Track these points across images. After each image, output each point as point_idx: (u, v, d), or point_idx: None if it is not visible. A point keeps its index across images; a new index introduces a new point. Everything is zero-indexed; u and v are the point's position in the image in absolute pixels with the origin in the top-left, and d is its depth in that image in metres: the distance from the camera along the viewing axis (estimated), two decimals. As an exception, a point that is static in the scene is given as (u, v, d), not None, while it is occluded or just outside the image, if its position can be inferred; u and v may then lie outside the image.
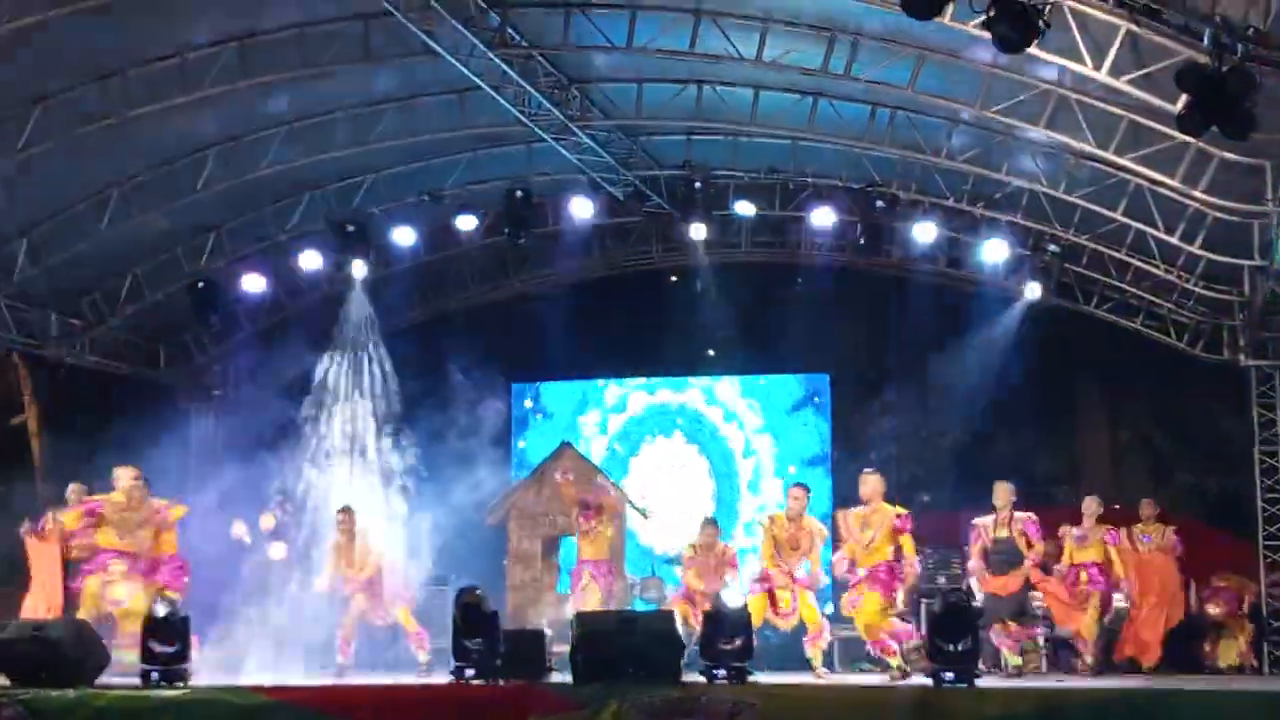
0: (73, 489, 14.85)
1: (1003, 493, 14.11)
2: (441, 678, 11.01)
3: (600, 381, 20.82)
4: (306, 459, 15.47)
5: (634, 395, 20.75)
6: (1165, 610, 15.21)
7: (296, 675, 13.23)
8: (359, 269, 18.38)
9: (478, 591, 11.05)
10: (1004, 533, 13.98)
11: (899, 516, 13.04)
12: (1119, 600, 15.43)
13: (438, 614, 14.75)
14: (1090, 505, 15.22)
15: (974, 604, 11.33)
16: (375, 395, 18.25)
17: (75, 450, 18.37)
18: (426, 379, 19.03)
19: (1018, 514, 14.03)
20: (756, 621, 12.24)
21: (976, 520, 14.28)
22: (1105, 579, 14.77)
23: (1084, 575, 14.63)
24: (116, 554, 13.46)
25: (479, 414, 17.43)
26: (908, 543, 13.03)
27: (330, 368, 18.27)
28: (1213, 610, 16.42)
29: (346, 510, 14.87)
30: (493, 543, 18.04)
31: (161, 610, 11.18)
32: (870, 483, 13.36)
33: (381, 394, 18.29)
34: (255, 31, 14.76)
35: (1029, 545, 13.89)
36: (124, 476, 13.86)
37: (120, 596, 13.20)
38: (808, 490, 14.02)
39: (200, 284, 18.40)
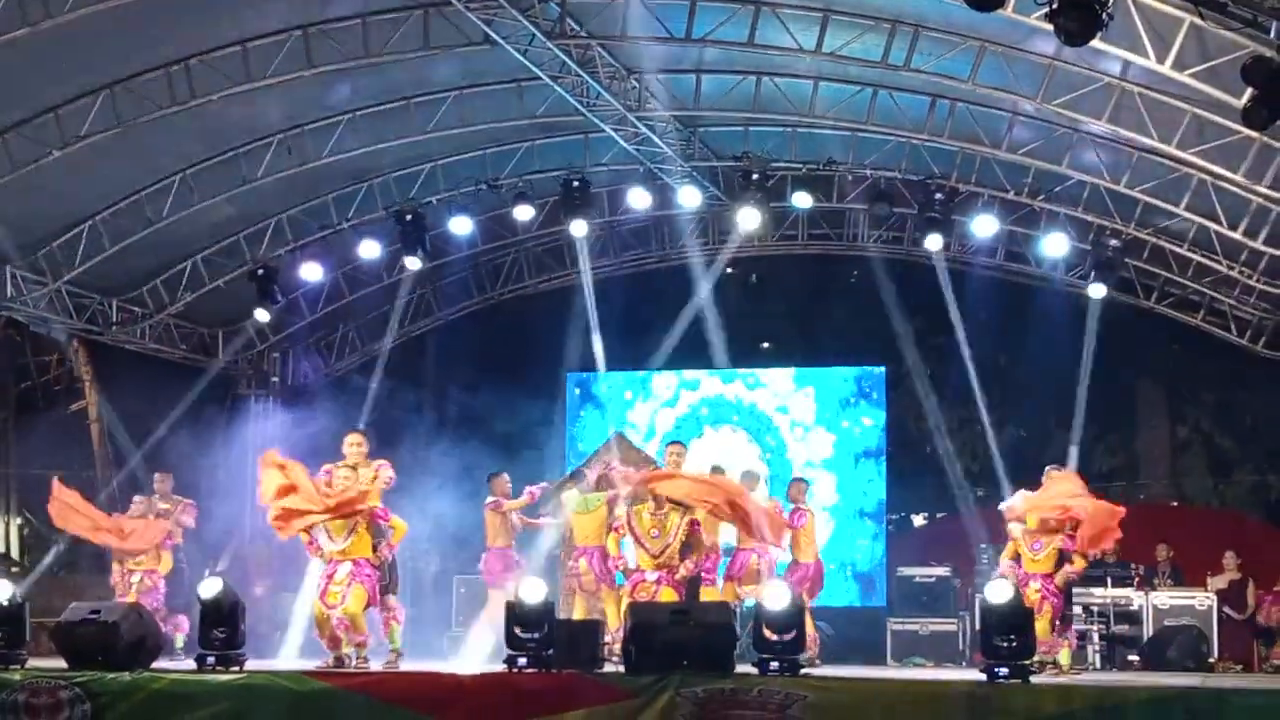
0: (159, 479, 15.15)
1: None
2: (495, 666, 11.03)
3: (654, 373, 20.80)
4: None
5: (688, 386, 20.71)
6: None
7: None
8: (412, 263, 18.41)
9: (529, 582, 11.04)
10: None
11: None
12: None
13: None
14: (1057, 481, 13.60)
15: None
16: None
17: (135, 436, 18.55)
18: (481, 367, 19.13)
19: None
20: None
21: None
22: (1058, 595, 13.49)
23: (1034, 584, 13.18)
24: None
25: (532, 402, 17.47)
26: None
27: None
28: (1261, 620, 16.29)
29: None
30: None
31: (211, 593, 11.20)
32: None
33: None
34: (317, 21, 14.85)
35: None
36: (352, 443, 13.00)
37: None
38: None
39: (261, 271, 18.52)
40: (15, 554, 22.90)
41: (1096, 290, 17.67)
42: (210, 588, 11.33)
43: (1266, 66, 10.71)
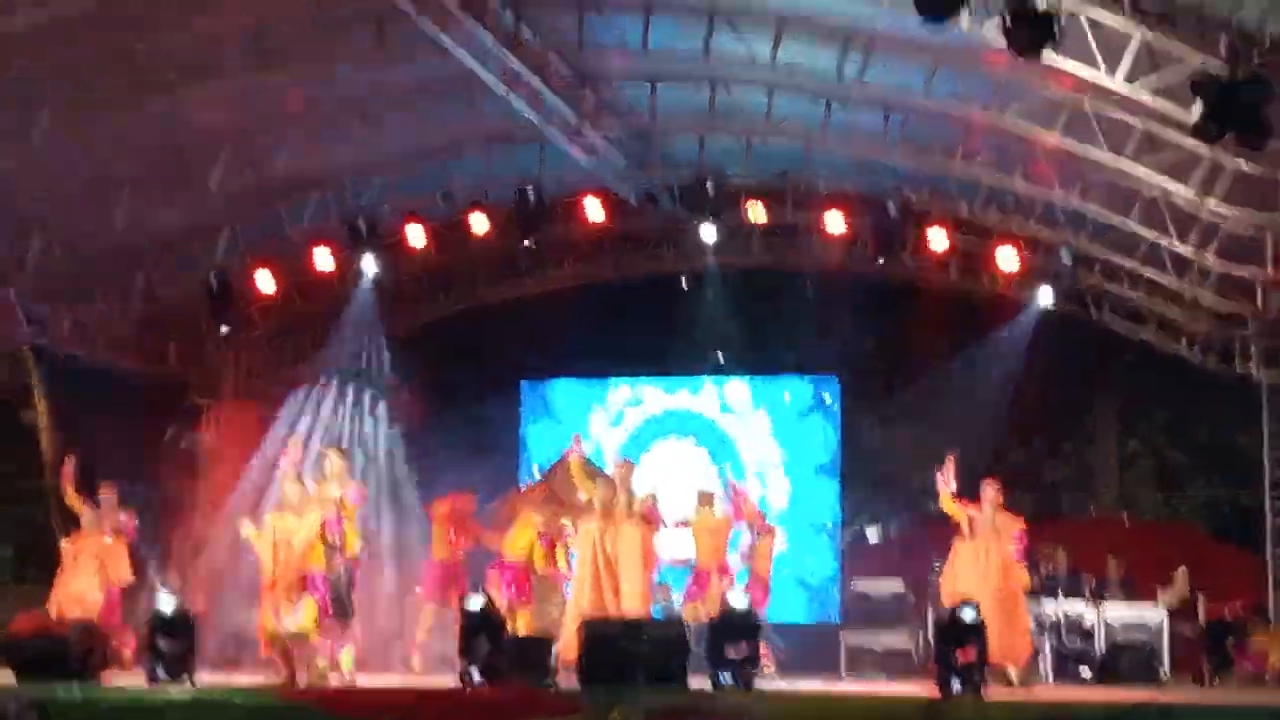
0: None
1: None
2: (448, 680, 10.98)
3: (610, 382, 20.78)
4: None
5: (643, 397, 20.71)
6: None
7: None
8: (369, 265, 18.35)
9: (484, 595, 11.02)
10: None
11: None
12: None
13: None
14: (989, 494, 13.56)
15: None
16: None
17: (85, 446, 18.38)
18: (435, 377, 19.07)
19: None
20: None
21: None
22: None
23: None
24: None
25: (487, 413, 17.42)
26: None
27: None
28: (1228, 615, 16.34)
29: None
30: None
31: (167, 607, 11.13)
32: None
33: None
34: (267, 24, 14.73)
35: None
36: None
37: None
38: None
39: (214, 281, 18.38)
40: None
41: (1043, 295, 17.80)
42: (164, 601, 11.27)
43: (1215, 80, 10.79)
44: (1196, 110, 11.15)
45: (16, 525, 21.53)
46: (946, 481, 13.30)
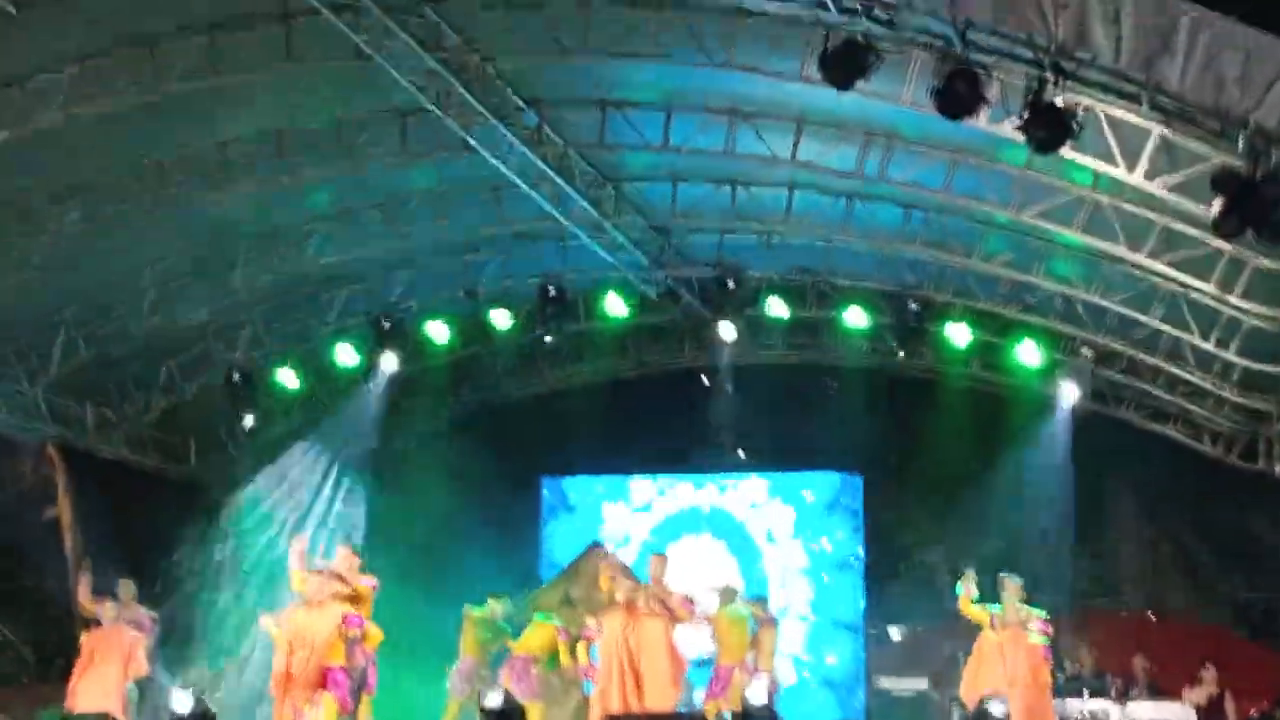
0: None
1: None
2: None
3: (630, 479, 20.73)
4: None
5: (663, 493, 20.64)
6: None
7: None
8: (389, 363, 18.45)
9: (502, 691, 10.95)
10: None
11: None
12: None
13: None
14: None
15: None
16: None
17: (108, 544, 18.36)
18: (455, 473, 19.04)
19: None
20: None
21: None
22: None
23: None
24: None
25: (507, 508, 17.38)
26: None
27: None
28: None
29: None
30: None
31: (183, 707, 11.06)
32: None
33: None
34: (294, 126, 14.91)
35: None
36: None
37: None
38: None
39: (236, 377, 18.44)
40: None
41: (1068, 394, 17.74)
42: (179, 701, 11.22)
43: (1235, 176, 10.80)
44: (1216, 206, 11.16)
45: (38, 624, 21.44)
46: (969, 592, 13.27)
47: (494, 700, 10.81)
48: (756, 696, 11.06)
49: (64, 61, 13.03)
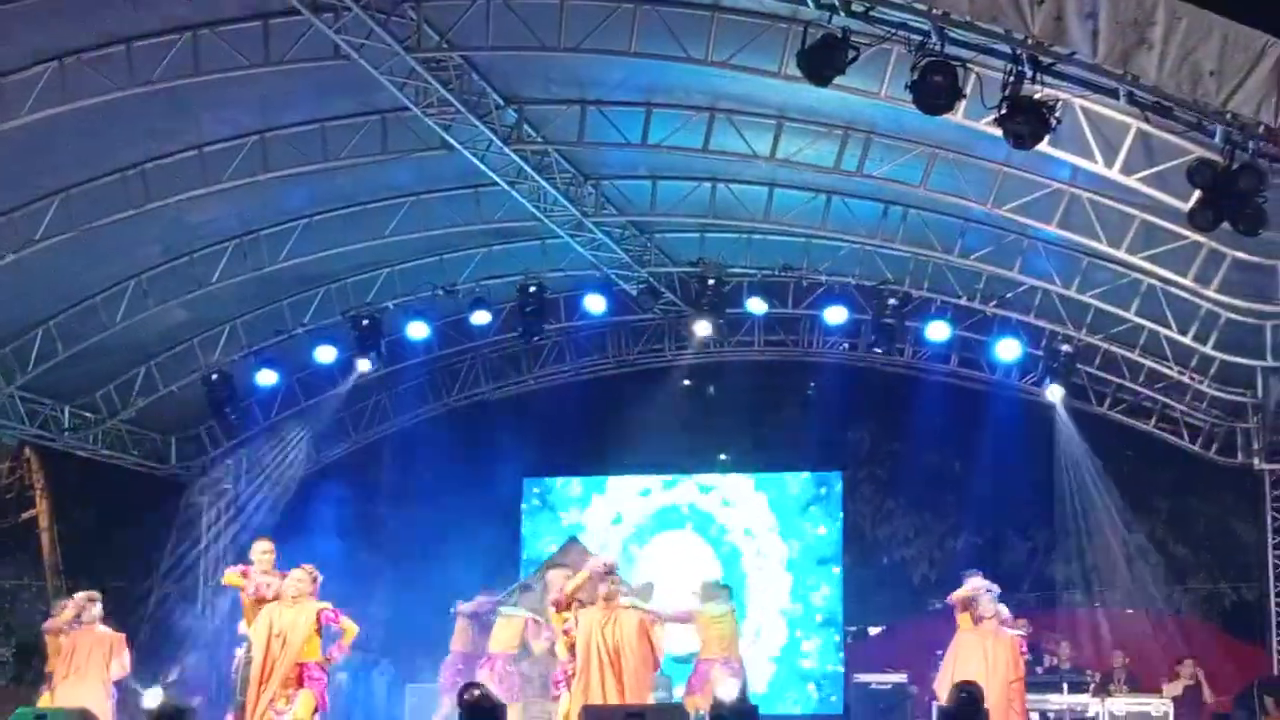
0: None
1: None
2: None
3: (610, 477, 20.74)
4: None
5: (644, 491, 20.65)
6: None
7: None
8: (363, 365, 18.46)
9: (480, 689, 10.90)
10: None
11: None
12: None
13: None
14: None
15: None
16: None
17: (86, 544, 18.35)
18: (436, 473, 19.07)
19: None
20: None
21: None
22: None
23: None
24: None
25: (488, 507, 17.41)
26: None
27: None
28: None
29: None
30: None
31: (152, 702, 11.02)
32: None
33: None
34: (274, 126, 14.90)
35: None
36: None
37: None
38: None
39: (215, 377, 18.42)
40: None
41: (1054, 393, 17.78)
42: (150, 697, 11.18)
43: (1211, 169, 10.85)
44: (1193, 199, 11.20)
45: (16, 626, 21.41)
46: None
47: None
48: (728, 694, 11.09)
49: (41, 60, 13.00)
